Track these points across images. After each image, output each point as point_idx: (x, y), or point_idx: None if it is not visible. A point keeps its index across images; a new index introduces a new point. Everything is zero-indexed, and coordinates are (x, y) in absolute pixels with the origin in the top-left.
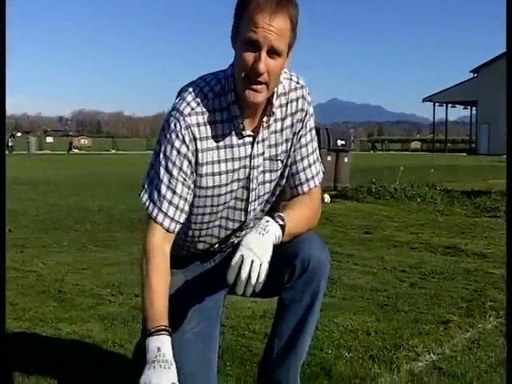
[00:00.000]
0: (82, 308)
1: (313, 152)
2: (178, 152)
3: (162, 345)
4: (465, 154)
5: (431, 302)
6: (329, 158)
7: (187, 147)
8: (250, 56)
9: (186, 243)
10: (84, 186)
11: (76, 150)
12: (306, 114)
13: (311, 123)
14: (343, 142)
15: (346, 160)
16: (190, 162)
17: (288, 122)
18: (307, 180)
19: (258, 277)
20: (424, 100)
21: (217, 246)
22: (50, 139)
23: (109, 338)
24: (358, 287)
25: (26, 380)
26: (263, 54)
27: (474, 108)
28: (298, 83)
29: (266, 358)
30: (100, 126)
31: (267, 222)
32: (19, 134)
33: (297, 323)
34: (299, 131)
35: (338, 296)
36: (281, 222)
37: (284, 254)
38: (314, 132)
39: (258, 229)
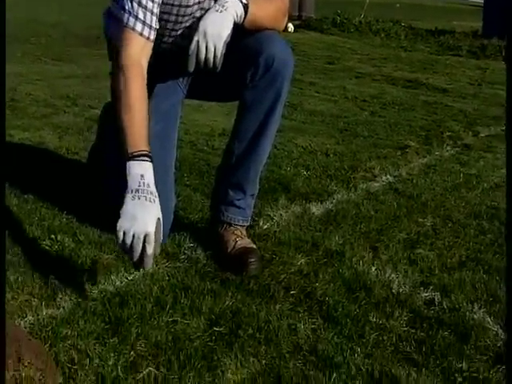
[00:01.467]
0: (35, 117)
1: None
2: None
3: (145, 172)
4: None
5: (390, 130)
6: None
7: None
8: None
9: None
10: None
11: None
12: None
13: None
14: None
15: None
16: None
17: None
18: None
19: (215, 59)
20: None
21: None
22: None
23: (63, 146)
24: (318, 113)
25: None
26: None
27: None
28: None
29: (226, 160)
30: None
31: None
32: None
33: (258, 124)
34: None
35: (298, 120)
36: (244, 0)
37: (247, 50)
38: None
39: (216, 6)
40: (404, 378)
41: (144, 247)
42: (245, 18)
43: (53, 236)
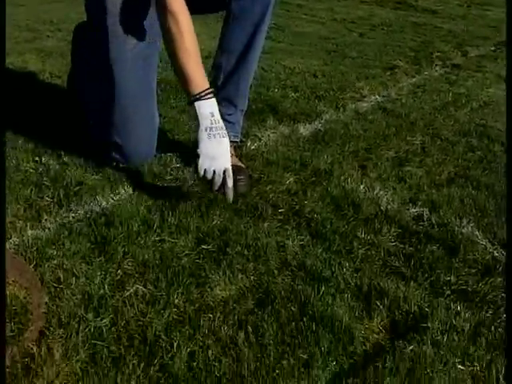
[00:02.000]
0: (17, 41)
1: None
2: None
3: (213, 109)
4: None
5: (379, 51)
6: None
7: None
8: None
9: None
10: None
11: None
12: None
13: None
14: None
15: None
16: None
17: None
18: None
19: None
20: None
21: None
22: None
23: (46, 70)
24: (306, 35)
25: None
26: None
27: None
28: None
29: (215, 75)
30: None
31: None
32: None
33: (247, 36)
34: None
35: (285, 42)
36: None
37: None
38: None
39: None
40: (392, 291)
41: (225, 181)
42: None
43: (37, 158)
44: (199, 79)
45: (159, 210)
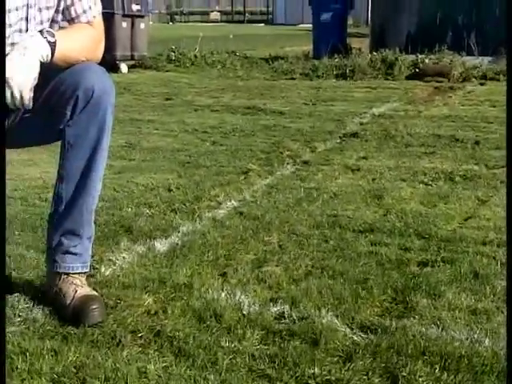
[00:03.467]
0: None
1: None
2: None
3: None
4: (263, 25)
5: (232, 156)
6: (124, 25)
7: None
8: None
9: None
10: None
11: None
12: None
13: None
14: (138, 7)
15: (142, 26)
16: None
17: None
18: (84, 11)
19: (23, 105)
20: None
21: None
22: None
23: None
24: (158, 149)
25: None
26: None
27: None
28: None
29: (55, 206)
30: None
31: (31, 37)
32: None
33: (86, 161)
34: None
35: (137, 159)
36: (50, 39)
37: (64, 86)
38: None
39: (18, 47)
40: None
41: None
42: (53, 55)
43: None
44: None
45: (8, 356)
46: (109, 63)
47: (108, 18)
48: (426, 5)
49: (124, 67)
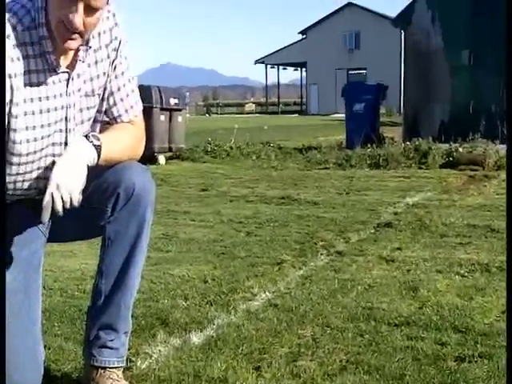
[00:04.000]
0: None
1: (129, 81)
2: None
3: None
4: (297, 115)
5: (266, 247)
6: (162, 118)
7: None
8: (66, 3)
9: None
10: None
11: None
12: (119, 42)
13: (126, 50)
14: (176, 101)
15: (180, 119)
16: None
17: (103, 53)
18: (126, 111)
19: (72, 206)
20: (256, 62)
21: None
22: None
23: None
24: (194, 240)
25: None
26: (80, 7)
27: (303, 69)
28: (109, 11)
29: (94, 300)
30: None
31: (78, 142)
32: None
33: (125, 257)
34: (114, 60)
35: (174, 250)
36: (96, 142)
37: (106, 184)
38: (128, 61)
39: (68, 153)
40: None
41: None
42: (98, 158)
43: None
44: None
45: None
46: (147, 155)
47: (147, 112)
48: (458, 94)
49: (162, 159)
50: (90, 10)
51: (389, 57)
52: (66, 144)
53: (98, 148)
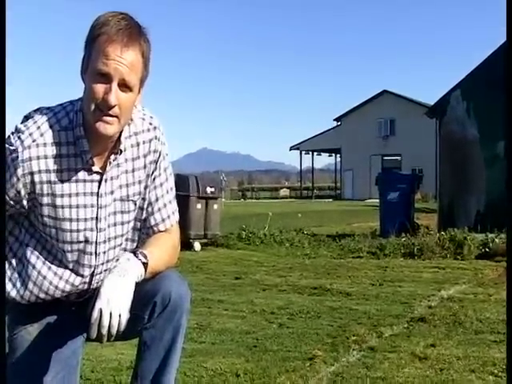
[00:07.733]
0: None
1: (168, 192)
2: (10, 177)
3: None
4: (331, 200)
5: (298, 340)
6: (198, 206)
7: (18, 179)
8: (100, 88)
9: (43, 287)
10: None
11: None
12: (159, 155)
13: (165, 163)
14: (212, 190)
15: (215, 207)
16: (18, 192)
17: (140, 163)
18: (163, 220)
19: (119, 327)
20: (291, 148)
21: (73, 291)
22: None
23: None
24: (227, 331)
25: None
26: (114, 85)
27: (338, 155)
28: (150, 124)
29: None
30: None
31: (128, 259)
32: None
33: (160, 362)
34: (153, 172)
35: (207, 341)
36: (144, 260)
37: (144, 292)
38: (169, 171)
39: (118, 269)
40: None
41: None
42: (145, 273)
43: None
44: None
45: None
46: (183, 242)
47: (184, 200)
48: (493, 183)
49: (197, 245)
50: (123, 87)
51: (424, 142)
52: (96, 243)
53: (146, 265)
